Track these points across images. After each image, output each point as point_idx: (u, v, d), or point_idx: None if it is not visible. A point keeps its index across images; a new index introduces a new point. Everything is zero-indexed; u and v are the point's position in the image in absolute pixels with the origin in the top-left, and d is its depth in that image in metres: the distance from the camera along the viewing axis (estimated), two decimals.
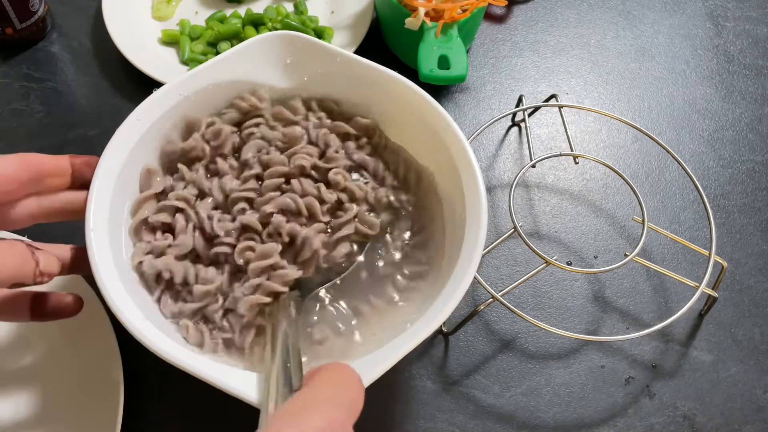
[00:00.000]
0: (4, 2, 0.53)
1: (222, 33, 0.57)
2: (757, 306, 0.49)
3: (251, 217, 0.38)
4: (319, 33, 0.58)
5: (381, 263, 0.41)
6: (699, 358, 0.47)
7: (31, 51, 0.58)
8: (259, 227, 0.38)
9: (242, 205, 0.39)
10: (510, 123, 0.58)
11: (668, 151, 0.50)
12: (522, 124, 0.57)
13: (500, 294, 0.43)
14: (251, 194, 0.40)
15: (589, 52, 0.63)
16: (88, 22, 0.60)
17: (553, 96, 0.54)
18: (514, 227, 0.46)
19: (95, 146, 0.53)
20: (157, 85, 0.54)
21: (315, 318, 0.38)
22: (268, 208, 0.39)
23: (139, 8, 0.60)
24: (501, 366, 0.46)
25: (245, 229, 0.39)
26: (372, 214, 0.41)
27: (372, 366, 0.32)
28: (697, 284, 0.44)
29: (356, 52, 0.57)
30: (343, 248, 0.40)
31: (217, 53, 0.57)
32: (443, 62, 0.53)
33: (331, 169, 0.41)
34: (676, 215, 0.54)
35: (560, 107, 0.53)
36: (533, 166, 0.51)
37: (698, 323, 0.48)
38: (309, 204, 0.40)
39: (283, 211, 0.39)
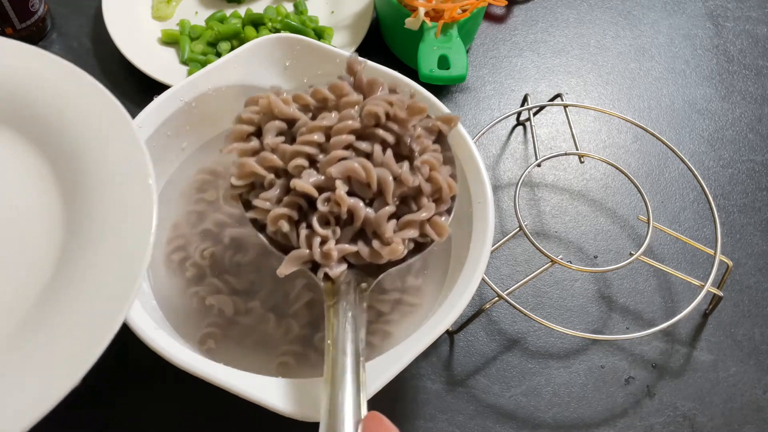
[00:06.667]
0: (4, 2, 0.53)
1: (222, 33, 0.57)
2: (758, 306, 0.49)
3: (306, 183, 0.33)
4: (319, 33, 0.58)
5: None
6: (699, 358, 0.47)
7: None
8: (315, 193, 0.33)
9: (301, 161, 0.34)
10: (515, 122, 0.58)
11: (675, 152, 0.51)
12: (527, 124, 0.57)
13: (506, 293, 0.43)
14: (313, 150, 0.34)
15: (589, 52, 0.63)
16: (88, 22, 0.60)
17: (558, 95, 0.54)
18: (520, 226, 0.46)
19: None
20: (157, 85, 0.54)
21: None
22: (334, 172, 0.33)
23: (139, 8, 0.60)
24: (501, 366, 0.46)
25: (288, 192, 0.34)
26: (444, 218, 0.35)
27: (383, 368, 0.33)
28: (703, 283, 0.45)
29: (356, 52, 0.57)
30: (401, 247, 0.33)
31: (217, 53, 0.57)
32: (443, 62, 0.53)
33: (408, 129, 0.35)
34: (677, 215, 0.54)
35: (566, 106, 0.53)
36: (539, 165, 0.51)
37: (702, 323, 0.48)
38: (382, 178, 0.33)
39: (349, 179, 0.34)
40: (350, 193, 0.33)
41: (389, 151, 0.34)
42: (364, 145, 0.34)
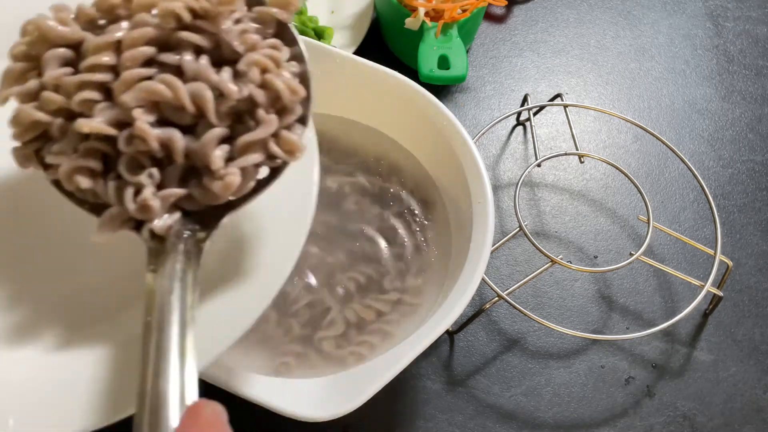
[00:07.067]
0: None
1: None
2: (758, 306, 0.49)
3: (95, 122, 0.26)
4: (319, 33, 0.58)
5: (390, 266, 0.41)
6: (699, 358, 0.47)
7: None
8: (111, 132, 0.26)
9: (89, 94, 0.26)
10: (515, 122, 0.58)
11: (675, 152, 0.51)
12: (527, 124, 0.57)
13: (506, 293, 0.43)
14: (105, 76, 0.26)
15: (589, 52, 0.63)
16: None
17: (558, 95, 0.54)
18: (520, 226, 0.46)
19: None
20: None
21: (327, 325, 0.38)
22: (128, 99, 0.26)
23: None
24: (501, 366, 0.46)
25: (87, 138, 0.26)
26: (296, 129, 0.28)
27: (384, 367, 0.32)
28: (703, 283, 0.45)
29: (356, 52, 0.57)
30: (237, 178, 0.26)
31: None
32: (443, 62, 0.53)
33: (222, 25, 0.27)
34: (677, 215, 0.54)
35: (566, 106, 0.53)
36: (539, 165, 0.51)
37: (702, 323, 0.48)
38: (197, 94, 0.26)
39: (156, 105, 0.26)
40: (163, 122, 0.26)
41: (203, 58, 0.27)
42: (172, 57, 0.27)
